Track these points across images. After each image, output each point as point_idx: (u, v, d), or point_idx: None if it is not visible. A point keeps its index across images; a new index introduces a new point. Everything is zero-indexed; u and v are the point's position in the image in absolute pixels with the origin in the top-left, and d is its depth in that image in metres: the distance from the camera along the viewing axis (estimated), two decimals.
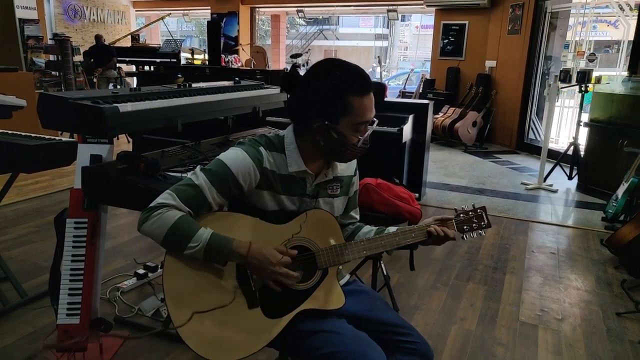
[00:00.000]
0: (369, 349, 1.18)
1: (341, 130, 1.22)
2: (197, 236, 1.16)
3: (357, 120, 1.22)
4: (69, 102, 1.60)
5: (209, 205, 1.22)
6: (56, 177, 4.63)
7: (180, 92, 2.06)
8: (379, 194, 2.34)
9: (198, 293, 1.19)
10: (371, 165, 2.87)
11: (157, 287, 2.60)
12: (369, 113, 1.23)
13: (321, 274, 1.29)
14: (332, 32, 21.57)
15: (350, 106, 1.20)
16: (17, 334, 2.14)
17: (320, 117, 1.22)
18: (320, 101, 1.21)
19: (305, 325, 1.24)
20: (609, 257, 3.27)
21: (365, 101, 1.21)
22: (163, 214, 1.16)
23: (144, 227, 1.18)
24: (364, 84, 1.21)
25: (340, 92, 1.19)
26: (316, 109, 1.22)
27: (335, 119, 1.21)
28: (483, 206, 1.41)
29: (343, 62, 1.24)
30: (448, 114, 7.40)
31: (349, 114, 1.21)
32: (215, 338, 1.17)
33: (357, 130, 1.23)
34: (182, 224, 1.16)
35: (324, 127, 1.22)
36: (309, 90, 1.23)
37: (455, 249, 3.32)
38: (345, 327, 1.24)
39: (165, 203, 1.18)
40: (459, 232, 1.38)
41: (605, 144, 4.78)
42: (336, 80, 1.19)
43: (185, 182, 1.22)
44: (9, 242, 3.15)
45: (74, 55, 7.60)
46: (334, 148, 1.25)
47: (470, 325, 2.40)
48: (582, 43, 6.39)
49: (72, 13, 11.51)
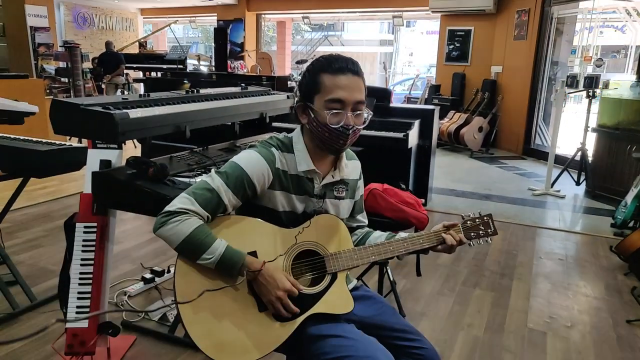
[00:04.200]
0: (380, 354, 1.18)
1: (315, 108, 1.26)
2: (212, 248, 1.17)
3: (328, 96, 1.24)
4: (81, 108, 1.62)
5: (225, 207, 1.24)
6: (64, 182, 4.66)
7: (188, 98, 2.08)
8: (386, 200, 2.34)
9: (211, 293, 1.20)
10: (377, 171, 2.88)
11: (164, 292, 2.61)
12: (340, 91, 1.24)
13: (330, 279, 1.30)
14: (337, 38, 21.64)
15: (321, 83, 1.25)
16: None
17: (300, 99, 1.30)
18: (302, 87, 1.30)
19: (315, 329, 1.24)
20: (618, 263, 3.25)
21: (337, 79, 1.24)
22: (182, 222, 1.17)
23: (160, 231, 1.19)
24: (336, 64, 1.25)
25: (313, 72, 1.27)
26: (299, 94, 1.31)
27: (310, 98, 1.27)
28: (489, 213, 1.42)
29: (333, 53, 1.31)
30: (454, 120, 7.39)
31: (320, 92, 1.25)
32: (225, 340, 1.18)
33: (330, 108, 1.24)
34: (198, 234, 1.17)
35: (302, 106, 1.29)
36: (299, 83, 1.34)
37: (461, 255, 3.31)
38: (355, 332, 1.24)
39: (184, 208, 1.19)
40: (466, 239, 1.39)
41: (614, 150, 4.75)
42: (314, 65, 1.28)
43: (202, 186, 1.23)
44: (19, 247, 3.17)
45: (83, 62, 7.69)
46: (315, 130, 1.28)
47: (478, 331, 2.38)
48: (589, 48, 6.38)
49: (82, 20, 11.65)
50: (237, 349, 1.18)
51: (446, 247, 1.34)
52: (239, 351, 1.18)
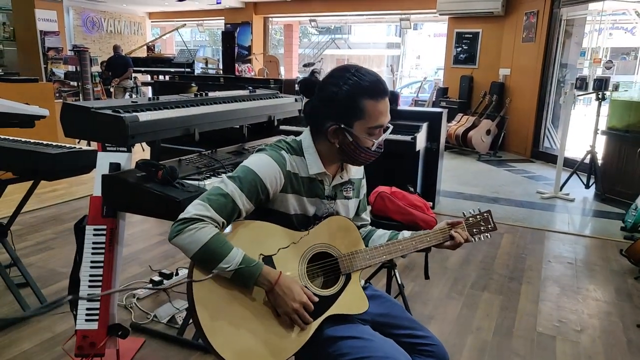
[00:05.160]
0: (398, 355, 1.19)
1: (356, 133, 1.25)
2: (229, 258, 1.15)
3: (371, 124, 1.25)
4: (91, 111, 1.63)
5: (240, 212, 1.22)
6: (73, 185, 4.71)
7: (197, 101, 2.09)
8: (394, 202, 2.34)
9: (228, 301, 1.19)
10: (385, 174, 2.87)
11: (172, 295, 2.62)
12: (383, 118, 1.26)
13: (345, 280, 1.31)
14: (344, 41, 21.65)
15: (364, 110, 1.23)
16: (36, 339, 2.17)
17: (336, 121, 1.25)
18: (336, 105, 1.24)
19: (331, 330, 1.24)
20: (628, 267, 3.21)
21: (379, 106, 1.24)
22: (198, 229, 1.15)
23: (176, 239, 1.16)
24: (379, 89, 1.24)
25: (355, 96, 1.22)
26: (332, 112, 1.25)
27: (349, 123, 1.25)
28: (488, 210, 1.49)
29: (359, 67, 1.27)
30: (461, 123, 7.37)
31: (363, 118, 1.24)
32: (244, 348, 1.17)
33: (371, 134, 1.26)
34: (214, 242, 1.15)
35: (339, 130, 1.26)
36: (326, 94, 1.26)
37: (469, 258, 3.29)
38: (372, 333, 1.25)
39: (199, 216, 1.16)
40: (470, 237, 1.44)
41: (624, 152, 4.71)
42: (352, 85, 1.22)
43: (216, 192, 1.21)
44: (29, 249, 3.20)
45: (92, 65, 7.76)
46: (348, 151, 1.29)
47: (487, 335, 2.37)
48: (599, 50, 6.33)
49: (90, 24, 11.77)
50: (260, 354, 1.17)
51: (453, 244, 1.39)
52: (262, 357, 1.17)
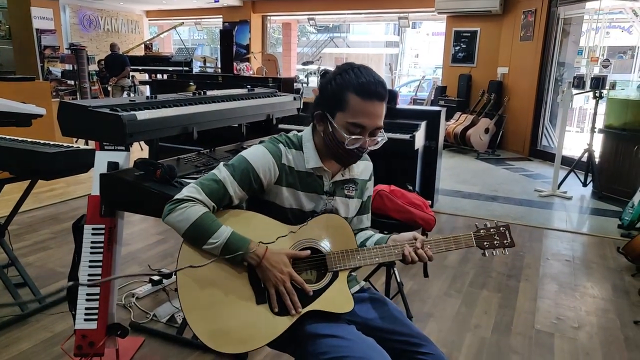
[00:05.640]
0: (375, 355, 1.16)
1: (335, 123, 1.26)
2: (218, 233, 1.21)
3: (351, 119, 1.23)
4: (89, 110, 1.63)
5: (230, 198, 1.28)
6: (71, 184, 4.70)
7: (195, 99, 2.09)
8: (393, 201, 2.34)
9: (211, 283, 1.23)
10: (384, 172, 2.87)
11: (172, 294, 2.62)
12: (366, 119, 1.23)
13: (331, 277, 1.30)
14: (343, 40, 21.63)
15: (348, 103, 1.23)
16: (35, 339, 2.17)
17: (322, 108, 1.29)
18: (326, 93, 1.28)
19: (312, 327, 1.23)
20: (625, 265, 3.23)
21: (366, 105, 1.22)
22: (188, 208, 1.22)
23: (168, 217, 1.24)
24: (370, 90, 1.22)
25: (344, 88, 1.23)
26: (322, 100, 1.30)
27: (332, 112, 1.26)
28: (506, 224, 1.40)
29: (364, 67, 1.27)
30: (460, 121, 7.38)
31: (345, 111, 1.24)
32: (220, 329, 1.19)
33: (350, 130, 1.24)
34: (204, 220, 1.22)
35: (323, 116, 1.29)
36: (322, 83, 1.30)
37: (468, 257, 3.30)
38: (353, 333, 1.22)
39: (191, 196, 1.24)
40: (478, 248, 1.38)
41: (621, 151, 4.72)
42: (346, 79, 1.24)
43: (209, 177, 1.28)
44: (27, 249, 3.20)
45: (89, 64, 7.73)
46: (328, 142, 1.30)
47: (485, 332, 2.38)
48: (596, 49, 6.35)
49: (87, 23, 11.72)
50: (232, 338, 1.19)
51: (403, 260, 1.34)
52: (234, 340, 1.18)
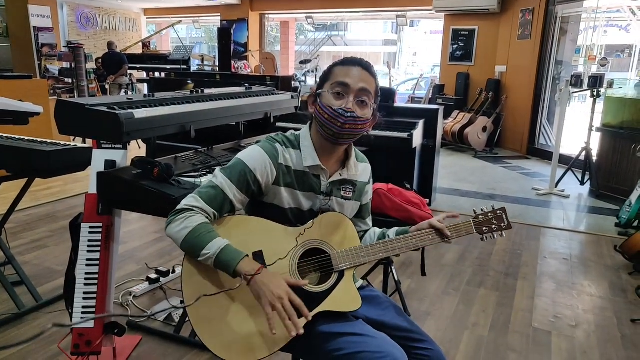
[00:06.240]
0: (393, 349, 1.18)
1: (323, 93, 1.30)
2: (211, 244, 1.17)
3: (334, 80, 1.30)
4: (86, 108, 1.62)
5: (230, 203, 1.26)
6: (69, 182, 4.68)
7: (193, 98, 2.08)
8: (391, 200, 2.34)
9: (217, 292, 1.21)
10: (382, 171, 2.87)
11: (169, 292, 2.61)
12: (347, 78, 1.29)
13: (337, 277, 1.30)
14: (341, 38, 21.64)
15: (332, 73, 1.32)
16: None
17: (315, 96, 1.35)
18: (319, 80, 1.37)
19: (325, 327, 1.24)
20: (623, 263, 3.23)
21: (346, 69, 1.30)
22: (186, 219, 1.20)
23: (168, 230, 1.23)
24: (352, 59, 1.33)
25: (330, 67, 1.34)
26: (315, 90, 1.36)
27: (321, 86, 1.33)
28: (502, 207, 1.44)
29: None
30: (458, 120, 7.38)
31: (329, 80, 1.31)
32: (232, 339, 1.18)
33: (336, 93, 1.28)
34: (200, 229, 1.18)
35: (313, 96, 1.34)
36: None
37: (466, 255, 3.31)
38: (366, 329, 1.24)
39: (189, 206, 1.22)
40: (478, 234, 1.41)
41: (618, 149, 4.73)
42: (333, 63, 1.35)
43: (207, 185, 1.27)
44: (24, 247, 3.19)
45: (86, 62, 7.71)
46: (318, 116, 1.30)
47: (483, 331, 2.38)
48: (594, 47, 6.35)
49: (85, 21, 11.67)
50: (244, 347, 1.18)
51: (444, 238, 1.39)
52: (246, 349, 1.18)
